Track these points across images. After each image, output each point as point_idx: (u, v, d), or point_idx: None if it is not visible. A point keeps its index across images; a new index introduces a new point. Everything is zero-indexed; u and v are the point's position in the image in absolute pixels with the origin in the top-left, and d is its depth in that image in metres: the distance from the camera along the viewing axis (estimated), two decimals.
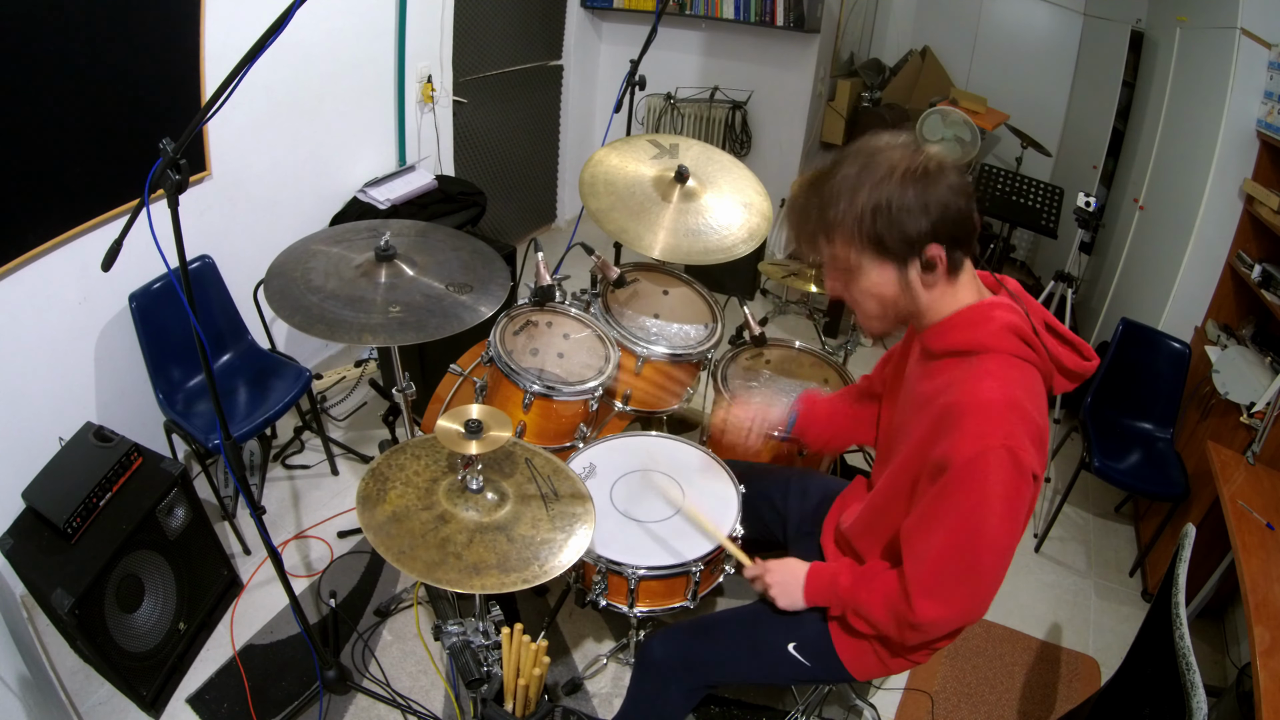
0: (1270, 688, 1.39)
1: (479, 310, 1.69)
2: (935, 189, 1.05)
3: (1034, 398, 1.10)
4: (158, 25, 2.05)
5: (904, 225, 1.05)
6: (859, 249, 1.10)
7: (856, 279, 1.14)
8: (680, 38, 4.05)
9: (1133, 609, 2.39)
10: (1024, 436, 1.05)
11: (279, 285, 1.64)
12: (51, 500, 1.66)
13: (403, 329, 1.60)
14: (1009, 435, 1.04)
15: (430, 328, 1.61)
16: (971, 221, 1.09)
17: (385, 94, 3.01)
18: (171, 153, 1.11)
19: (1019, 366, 1.11)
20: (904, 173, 1.05)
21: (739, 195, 2.14)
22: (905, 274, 1.11)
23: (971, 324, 1.12)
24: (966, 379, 1.10)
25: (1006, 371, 1.09)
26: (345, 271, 1.71)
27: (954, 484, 1.08)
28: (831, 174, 1.10)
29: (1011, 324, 1.11)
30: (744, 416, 1.63)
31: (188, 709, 1.80)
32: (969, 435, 1.05)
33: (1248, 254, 2.51)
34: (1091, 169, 3.75)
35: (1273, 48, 2.43)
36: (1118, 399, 2.67)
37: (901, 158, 1.06)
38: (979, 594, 1.14)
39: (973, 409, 1.07)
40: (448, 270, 1.77)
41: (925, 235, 1.06)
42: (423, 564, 1.25)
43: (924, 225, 1.05)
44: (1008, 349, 1.11)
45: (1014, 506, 1.07)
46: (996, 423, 1.05)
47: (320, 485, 2.53)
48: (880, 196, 1.05)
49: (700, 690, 1.44)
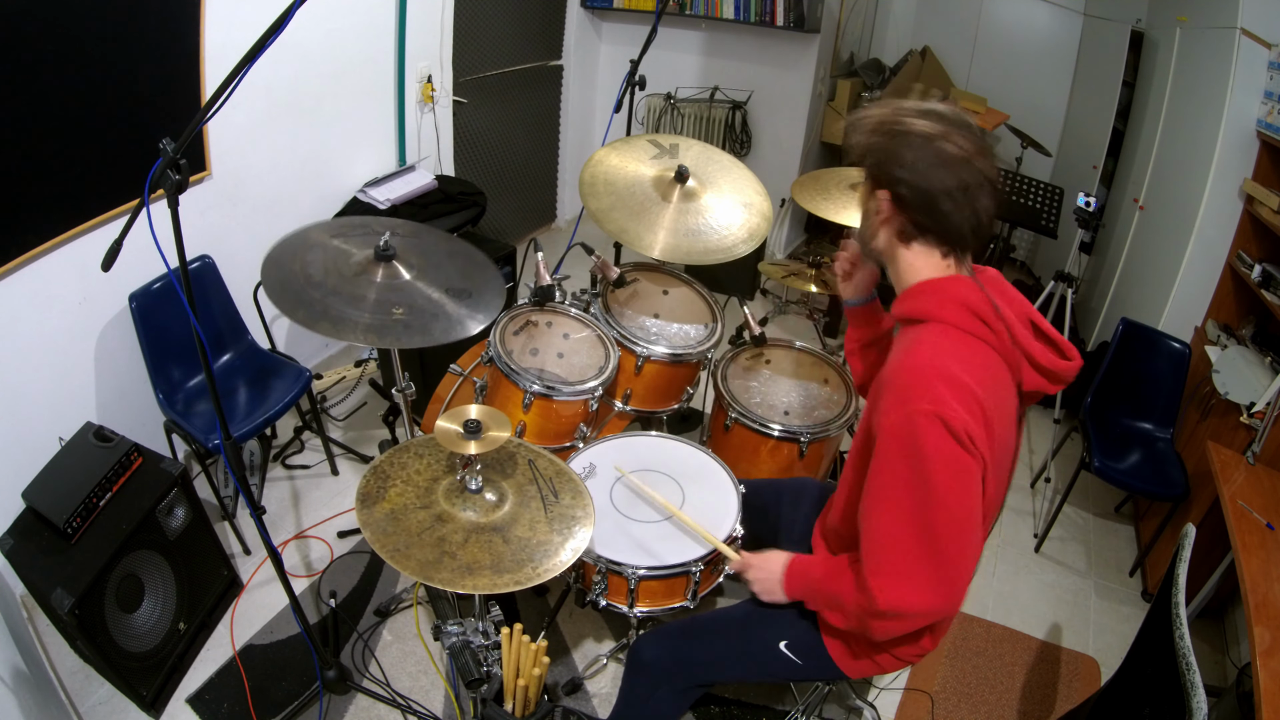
0: (1270, 688, 1.39)
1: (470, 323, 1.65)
2: (924, 152, 1.07)
3: (973, 370, 1.06)
4: (158, 25, 2.05)
5: (881, 155, 1.12)
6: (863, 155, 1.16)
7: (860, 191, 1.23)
8: (680, 38, 4.05)
9: (1133, 609, 2.40)
10: (953, 401, 1.01)
11: (277, 277, 1.60)
12: (51, 500, 1.66)
13: (408, 332, 1.58)
14: (935, 400, 1.00)
15: (435, 332, 1.59)
16: (939, 209, 1.09)
17: (385, 94, 3.01)
18: (171, 153, 1.11)
19: (962, 339, 1.09)
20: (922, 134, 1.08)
21: (739, 195, 2.14)
22: (872, 199, 1.17)
23: (927, 293, 1.13)
24: (902, 347, 1.11)
25: (942, 340, 1.08)
26: (345, 269, 1.69)
27: (884, 454, 1.05)
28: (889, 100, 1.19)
29: (963, 298, 1.10)
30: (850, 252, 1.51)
31: (188, 709, 1.80)
32: (892, 402, 1.05)
33: (1248, 254, 2.51)
34: (1091, 169, 3.75)
35: (1273, 48, 2.44)
36: (1118, 399, 2.67)
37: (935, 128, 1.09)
38: (944, 573, 1.06)
39: (898, 374, 1.07)
40: (444, 275, 1.75)
41: (887, 176, 1.11)
42: (417, 562, 1.25)
43: (897, 173, 1.10)
44: (953, 320, 1.09)
45: (956, 474, 1.01)
46: (920, 389, 1.02)
47: (320, 485, 2.53)
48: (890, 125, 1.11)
49: (693, 691, 1.44)
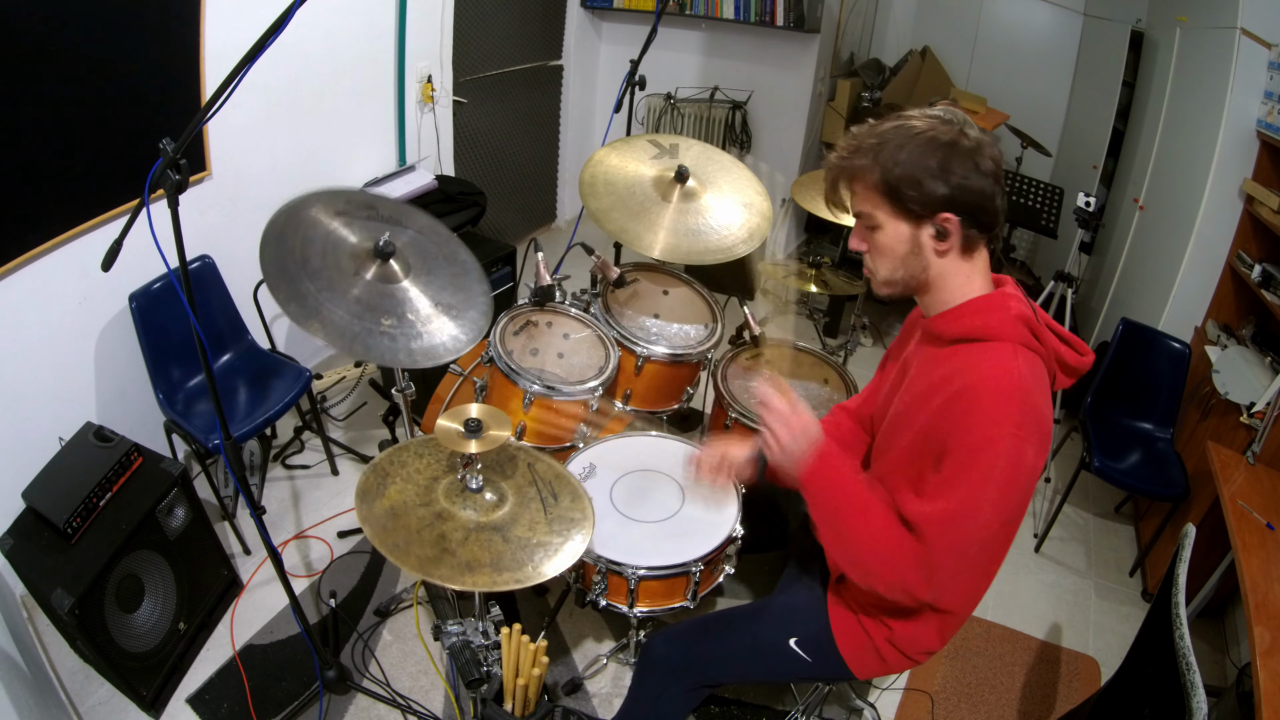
0: (1270, 688, 1.39)
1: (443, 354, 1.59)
2: (960, 161, 1.06)
3: (1043, 389, 1.11)
4: (158, 25, 2.05)
5: (922, 184, 1.07)
6: (878, 200, 1.12)
7: (875, 233, 1.15)
8: (680, 38, 4.04)
9: (1133, 609, 2.39)
10: (1032, 428, 1.05)
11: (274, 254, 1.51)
12: (51, 500, 1.66)
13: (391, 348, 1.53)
14: (1020, 425, 1.04)
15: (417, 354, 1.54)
16: (994, 206, 1.10)
17: (385, 94, 3.01)
18: (171, 153, 1.11)
19: (1029, 357, 1.11)
20: (931, 138, 1.07)
21: (739, 195, 2.14)
22: (918, 235, 1.12)
23: (986, 310, 1.13)
24: (978, 365, 1.10)
25: (1018, 361, 1.09)
26: (343, 260, 1.62)
27: (959, 468, 1.07)
28: (870, 129, 1.13)
29: (1023, 314, 1.12)
30: (712, 457, 1.49)
31: (188, 709, 1.80)
32: (980, 420, 1.05)
33: (1248, 254, 2.51)
34: (1091, 169, 3.75)
35: (1273, 48, 2.43)
36: (1118, 399, 2.67)
37: (935, 125, 1.09)
38: (961, 577, 1.13)
39: (986, 394, 1.07)
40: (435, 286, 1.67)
41: (940, 201, 1.08)
42: (416, 559, 1.26)
43: (941, 190, 1.07)
44: (1018, 338, 1.11)
45: (1008, 494, 1.06)
46: (1008, 411, 1.05)
47: (320, 485, 2.53)
48: (905, 154, 1.08)
49: (701, 690, 1.44)
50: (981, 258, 1.16)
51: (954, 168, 1.06)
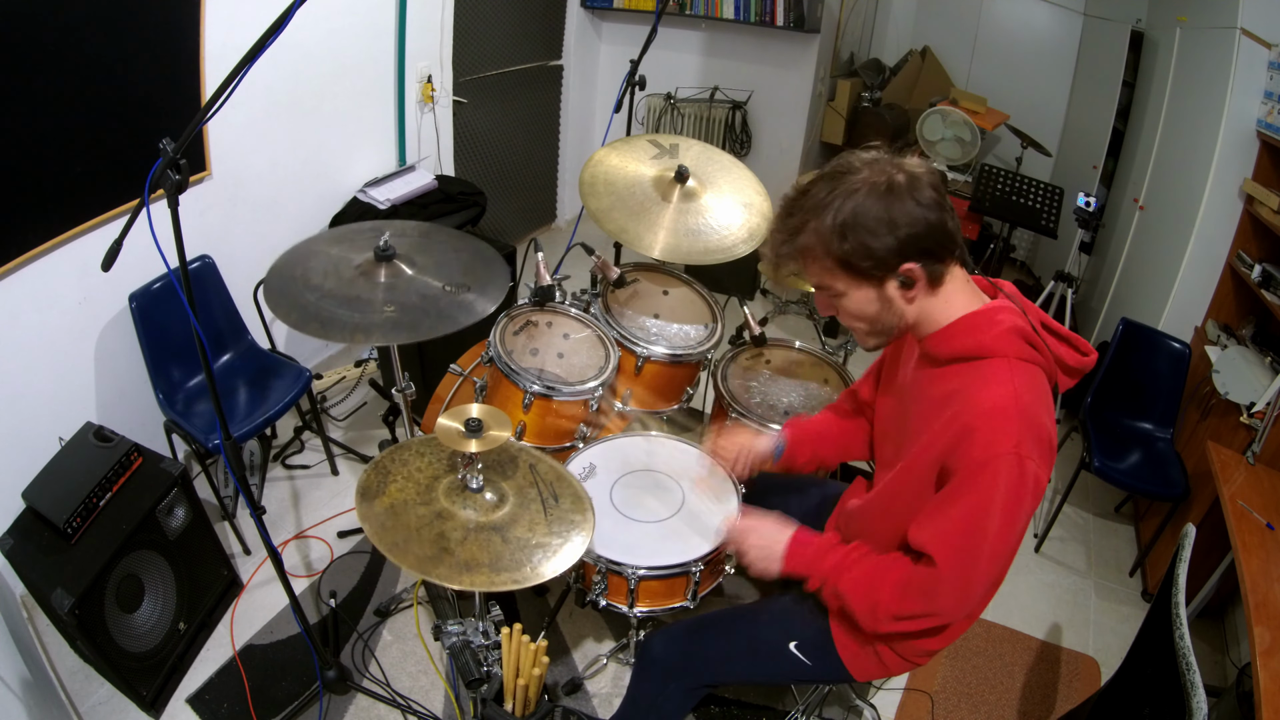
0: (1270, 688, 1.39)
1: (475, 310, 1.68)
2: (901, 204, 1.04)
3: (1043, 401, 1.11)
4: (158, 25, 2.05)
5: (870, 246, 1.06)
6: (833, 273, 1.11)
7: (841, 300, 1.15)
8: (680, 38, 4.04)
9: (1133, 609, 2.40)
10: (1033, 443, 1.05)
11: (278, 284, 1.64)
12: (51, 500, 1.66)
13: (396, 329, 1.59)
14: (1020, 443, 1.04)
15: (423, 328, 1.61)
16: (945, 232, 1.08)
17: (385, 94, 3.01)
18: (171, 153, 1.11)
19: (1026, 370, 1.11)
20: (867, 193, 1.05)
21: (739, 195, 2.14)
22: (884, 291, 1.12)
23: (975, 329, 1.12)
24: (975, 385, 1.10)
25: (1015, 376, 1.09)
26: (345, 271, 1.70)
27: (960, 488, 1.08)
28: (801, 199, 1.11)
29: (1015, 326, 1.11)
30: (730, 448, 1.60)
31: (188, 709, 1.80)
32: (980, 443, 1.06)
33: (1248, 254, 2.51)
34: (1091, 169, 3.75)
35: (1273, 48, 2.44)
36: (1118, 399, 2.67)
37: (866, 178, 1.06)
38: (966, 594, 1.14)
39: (985, 416, 1.07)
40: (447, 271, 1.77)
41: (894, 253, 1.06)
42: (415, 557, 1.26)
43: (891, 243, 1.05)
44: (1013, 352, 1.11)
45: (1012, 513, 1.07)
46: (1008, 430, 1.05)
47: (320, 485, 2.53)
48: (844, 219, 1.06)
49: (700, 690, 1.44)
50: (956, 278, 1.14)
51: (897, 216, 1.04)
